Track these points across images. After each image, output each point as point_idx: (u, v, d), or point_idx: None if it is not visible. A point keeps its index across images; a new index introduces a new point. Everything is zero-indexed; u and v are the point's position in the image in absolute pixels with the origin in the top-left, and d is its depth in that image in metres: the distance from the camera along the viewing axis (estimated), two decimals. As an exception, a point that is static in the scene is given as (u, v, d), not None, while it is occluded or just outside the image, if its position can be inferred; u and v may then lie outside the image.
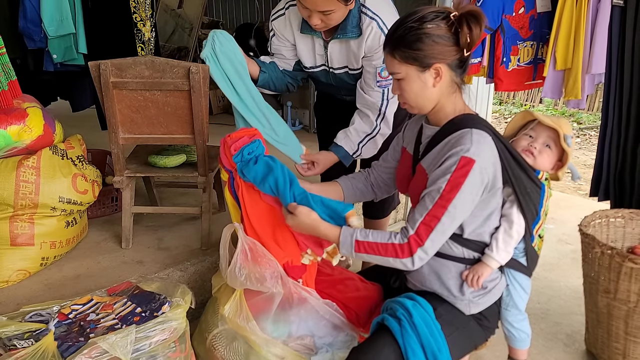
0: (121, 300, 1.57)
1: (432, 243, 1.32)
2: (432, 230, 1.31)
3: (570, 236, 3.00)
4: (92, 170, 2.24)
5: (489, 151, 1.34)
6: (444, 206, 1.31)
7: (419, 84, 1.36)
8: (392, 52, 1.36)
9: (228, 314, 1.54)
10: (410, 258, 1.32)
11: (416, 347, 1.33)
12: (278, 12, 1.95)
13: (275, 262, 1.51)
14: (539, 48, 2.41)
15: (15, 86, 2.01)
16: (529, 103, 7.52)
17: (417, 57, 1.32)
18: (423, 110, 1.43)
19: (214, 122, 3.42)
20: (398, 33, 1.34)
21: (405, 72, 1.36)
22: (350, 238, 1.38)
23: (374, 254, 1.36)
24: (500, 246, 1.44)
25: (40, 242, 2.01)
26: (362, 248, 1.37)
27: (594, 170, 2.41)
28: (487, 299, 1.49)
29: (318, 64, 1.97)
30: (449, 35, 1.32)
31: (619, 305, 1.80)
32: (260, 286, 1.49)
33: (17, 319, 1.50)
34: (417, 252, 1.32)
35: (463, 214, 1.34)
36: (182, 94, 1.95)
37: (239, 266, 1.50)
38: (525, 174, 1.45)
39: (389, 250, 1.34)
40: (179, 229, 2.43)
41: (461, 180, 1.30)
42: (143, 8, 2.60)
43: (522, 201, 1.43)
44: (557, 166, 1.63)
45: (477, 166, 1.30)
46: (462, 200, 1.31)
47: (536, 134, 1.62)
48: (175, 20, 4.66)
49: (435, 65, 1.34)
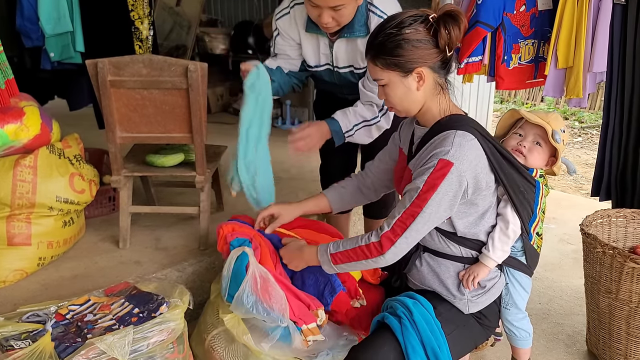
0: (119, 300, 1.56)
1: (405, 240, 1.36)
2: (406, 228, 1.34)
3: (572, 236, 2.99)
4: (90, 169, 2.23)
5: (470, 154, 1.33)
6: (419, 206, 1.33)
7: (402, 89, 1.38)
8: (374, 59, 1.37)
9: (227, 324, 1.53)
10: (382, 256, 1.36)
11: (416, 344, 1.33)
12: (282, 10, 1.93)
13: (283, 296, 1.50)
14: (540, 46, 2.40)
15: (12, 85, 1.99)
16: (530, 102, 7.51)
17: (399, 63, 1.33)
18: (410, 113, 1.45)
19: (212, 121, 3.41)
20: (378, 40, 1.35)
21: (388, 78, 1.37)
22: (326, 254, 1.45)
23: (350, 261, 1.42)
24: (497, 245, 1.44)
25: (37, 242, 2.00)
26: (339, 259, 1.43)
27: (596, 169, 2.41)
28: (486, 298, 1.49)
29: (322, 63, 1.95)
30: (429, 38, 1.33)
31: (620, 306, 1.79)
32: (266, 316, 1.47)
33: (14, 319, 1.50)
34: (389, 249, 1.35)
35: (439, 214, 1.35)
36: (180, 92, 1.94)
37: (247, 293, 1.48)
38: (517, 172, 1.45)
39: (359, 254, 1.39)
40: (176, 228, 2.41)
41: (437, 182, 1.31)
42: (141, 6, 2.59)
43: (515, 200, 1.44)
44: (551, 162, 1.62)
45: (454, 169, 1.31)
46: (437, 201, 1.32)
47: (525, 132, 1.62)
48: (174, 18, 4.64)
49: (417, 70, 1.34)
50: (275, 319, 1.47)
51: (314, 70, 2.00)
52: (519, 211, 1.44)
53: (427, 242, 1.49)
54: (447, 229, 1.44)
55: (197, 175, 2.12)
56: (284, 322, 1.48)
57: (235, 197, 1.82)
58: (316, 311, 1.55)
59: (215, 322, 1.61)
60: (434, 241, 1.47)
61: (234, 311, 1.52)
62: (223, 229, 1.69)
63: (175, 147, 2.27)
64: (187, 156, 2.24)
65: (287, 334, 1.52)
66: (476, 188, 1.37)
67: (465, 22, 1.35)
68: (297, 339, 1.51)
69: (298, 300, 1.54)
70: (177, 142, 2.15)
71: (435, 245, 1.47)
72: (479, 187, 1.37)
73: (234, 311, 1.52)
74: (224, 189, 2.58)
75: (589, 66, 2.18)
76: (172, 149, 2.26)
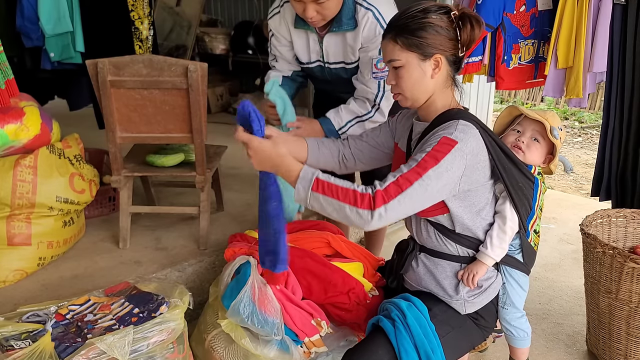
0: (119, 300, 1.56)
1: (398, 205, 1.25)
2: (401, 192, 1.25)
3: (572, 236, 2.99)
4: (90, 169, 2.23)
5: (473, 141, 1.32)
6: (419, 173, 1.27)
7: (418, 73, 1.36)
8: (395, 38, 1.35)
9: (224, 328, 1.54)
10: (370, 211, 1.24)
11: (409, 348, 1.32)
12: (274, 10, 1.93)
13: (279, 310, 1.49)
14: (540, 46, 2.40)
15: (12, 85, 1.99)
16: (530, 102, 7.51)
17: (420, 45, 1.33)
18: (416, 103, 1.41)
19: (212, 121, 3.41)
20: (401, 20, 1.35)
21: (405, 59, 1.35)
22: (312, 175, 1.28)
23: (331, 197, 1.26)
24: (495, 243, 1.43)
25: (37, 242, 2.00)
26: (321, 188, 1.26)
27: (596, 169, 2.41)
28: (483, 298, 1.48)
29: (313, 59, 1.95)
30: (451, 29, 1.34)
31: (620, 306, 1.79)
32: (260, 328, 1.47)
33: (14, 319, 1.49)
34: (379, 207, 1.24)
35: (437, 190, 1.29)
36: (180, 92, 1.94)
37: (244, 303, 1.48)
38: (516, 168, 1.44)
39: (349, 196, 1.25)
40: (176, 228, 2.41)
41: (440, 156, 1.28)
42: (141, 6, 2.59)
43: (514, 196, 1.43)
44: (549, 159, 1.63)
45: (458, 147, 1.29)
46: (437, 173, 1.27)
47: (523, 128, 1.62)
48: (174, 18, 4.64)
49: (436, 56, 1.34)
50: (270, 332, 1.46)
51: (306, 67, 1.99)
52: (517, 207, 1.44)
53: (424, 240, 1.48)
54: (444, 224, 1.43)
55: (197, 175, 2.12)
56: (279, 335, 1.47)
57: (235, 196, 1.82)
58: (319, 321, 1.54)
59: (215, 322, 1.61)
60: (430, 239, 1.46)
61: (230, 318, 1.52)
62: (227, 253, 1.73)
63: (175, 147, 2.27)
64: (187, 156, 2.24)
65: (285, 344, 1.52)
66: (472, 180, 1.35)
67: (483, 28, 1.37)
68: (296, 352, 1.49)
69: (300, 311, 1.53)
70: (177, 142, 2.15)
71: (432, 244, 1.47)
72: (475, 180, 1.35)
73: (230, 318, 1.52)
74: (224, 189, 2.58)
75: (588, 66, 2.18)
76: (172, 149, 2.26)
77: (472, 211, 1.41)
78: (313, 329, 1.53)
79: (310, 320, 1.53)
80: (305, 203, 1.29)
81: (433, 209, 1.38)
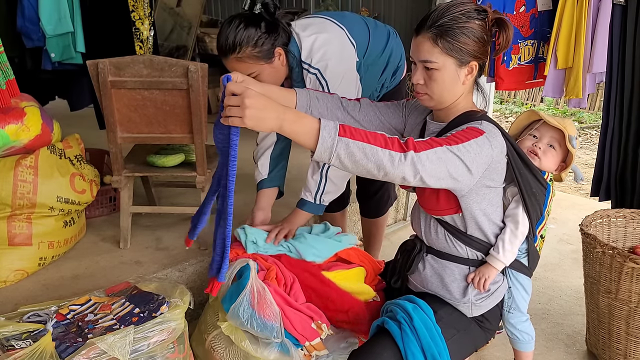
0: (119, 300, 1.56)
1: (427, 158, 1.18)
2: (431, 148, 1.20)
3: (571, 236, 2.99)
4: (90, 169, 2.23)
5: (500, 138, 1.33)
6: (448, 142, 1.23)
7: (452, 78, 1.33)
8: (436, 39, 1.30)
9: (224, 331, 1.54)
10: (403, 154, 1.17)
11: (416, 351, 1.31)
12: None
13: (279, 313, 1.49)
14: (540, 47, 2.40)
15: (13, 85, 1.99)
16: (530, 102, 7.51)
17: (461, 51, 1.31)
18: (441, 105, 1.39)
19: (213, 122, 3.40)
20: (445, 23, 1.29)
21: (443, 62, 1.31)
22: (334, 122, 1.17)
23: (361, 141, 1.15)
24: (507, 247, 1.42)
25: (38, 242, 2.00)
26: (349, 132, 1.15)
27: (595, 169, 2.41)
28: (490, 301, 1.48)
29: None
30: (487, 36, 1.34)
31: (620, 306, 1.79)
32: (259, 332, 1.47)
33: (15, 319, 1.49)
34: (410, 152, 1.17)
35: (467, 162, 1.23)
36: (181, 92, 1.94)
37: (244, 306, 1.47)
38: (531, 174, 1.44)
39: (379, 139, 1.17)
40: (177, 228, 2.41)
41: (469, 137, 1.26)
42: (141, 6, 2.59)
43: (527, 201, 1.42)
44: (561, 167, 1.63)
45: (486, 136, 1.28)
46: (468, 148, 1.23)
47: (540, 134, 1.61)
48: (174, 18, 4.64)
49: (472, 63, 1.33)
50: (269, 335, 1.46)
51: None
52: (529, 213, 1.43)
53: (432, 241, 1.48)
54: (456, 225, 1.42)
55: (197, 175, 2.12)
56: (278, 338, 1.46)
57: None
58: (319, 323, 1.54)
59: (216, 322, 1.61)
60: (439, 240, 1.46)
61: (230, 321, 1.52)
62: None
63: (175, 148, 2.27)
64: (188, 156, 2.24)
65: (285, 347, 1.51)
66: (491, 178, 1.34)
67: None
68: (297, 354, 1.49)
69: (300, 314, 1.52)
70: (178, 143, 2.15)
71: (440, 245, 1.46)
72: (492, 179, 1.35)
73: (230, 321, 1.52)
74: (224, 189, 2.58)
75: (588, 66, 2.19)
76: (173, 149, 2.26)
77: (485, 213, 1.40)
78: (313, 332, 1.52)
79: (311, 323, 1.53)
80: (329, 154, 1.15)
81: (446, 208, 1.38)
